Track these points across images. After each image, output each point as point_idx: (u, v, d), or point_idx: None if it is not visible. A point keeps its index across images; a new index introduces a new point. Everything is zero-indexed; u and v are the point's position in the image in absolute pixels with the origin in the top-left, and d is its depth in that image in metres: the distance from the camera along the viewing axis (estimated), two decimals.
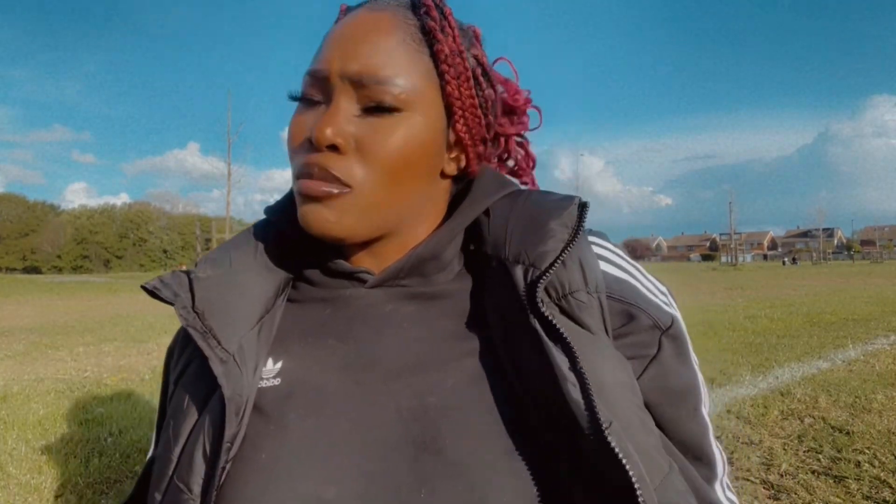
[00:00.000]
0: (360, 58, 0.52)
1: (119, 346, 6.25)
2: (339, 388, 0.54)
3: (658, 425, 0.54)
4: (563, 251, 0.52)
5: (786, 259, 69.63)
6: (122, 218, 71.41)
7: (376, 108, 0.53)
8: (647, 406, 0.54)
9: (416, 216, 0.59)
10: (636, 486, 0.43)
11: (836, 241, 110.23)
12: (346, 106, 0.53)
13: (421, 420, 0.51)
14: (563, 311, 0.51)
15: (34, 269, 62.37)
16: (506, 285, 0.53)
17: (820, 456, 2.59)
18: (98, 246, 67.85)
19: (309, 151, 0.53)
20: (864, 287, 13.68)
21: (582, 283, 0.52)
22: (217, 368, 0.51)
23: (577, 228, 0.54)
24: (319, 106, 0.54)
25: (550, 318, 0.49)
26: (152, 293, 0.55)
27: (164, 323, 8.19)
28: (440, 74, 0.55)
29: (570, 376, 0.47)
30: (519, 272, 0.52)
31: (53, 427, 3.25)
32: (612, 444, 0.44)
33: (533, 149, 0.69)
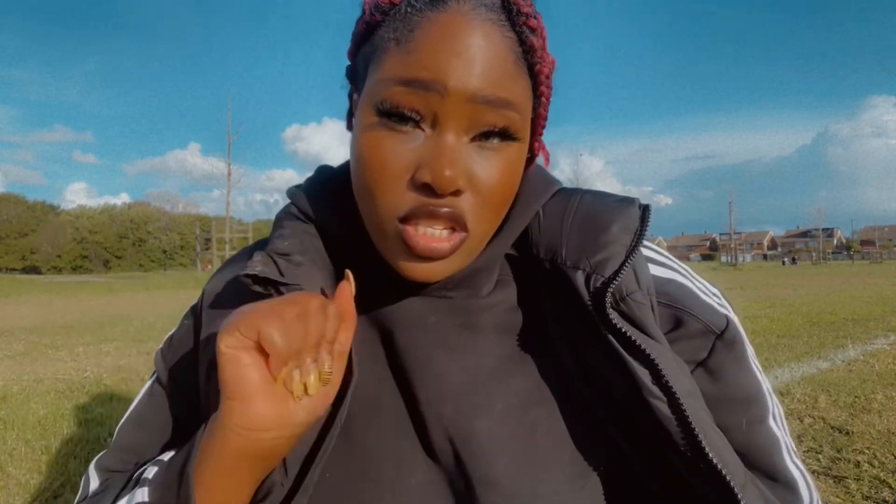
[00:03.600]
0: (483, 74, 0.45)
1: (119, 346, 6.24)
2: (392, 404, 0.52)
3: None
4: (627, 257, 0.49)
5: (785, 259, 69.62)
6: (121, 218, 71.36)
7: (490, 136, 0.47)
8: None
9: None
10: (739, 496, 0.43)
11: (835, 241, 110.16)
12: (458, 134, 0.46)
13: (471, 447, 0.49)
14: (624, 316, 0.48)
15: (34, 270, 62.33)
16: (565, 292, 0.50)
17: (820, 456, 2.59)
18: (98, 246, 67.81)
19: (420, 193, 0.46)
20: (863, 287, 13.67)
21: (636, 285, 0.50)
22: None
23: (641, 233, 0.51)
24: (415, 126, 0.46)
25: (621, 328, 0.46)
26: (274, 282, 0.49)
27: (164, 323, 8.18)
28: (537, 96, 0.50)
29: (656, 390, 0.45)
30: (580, 278, 0.49)
31: (53, 427, 3.25)
32: (714, 459, 0.43)
33: (544, 143, 0.67)
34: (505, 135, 0.47)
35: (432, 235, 0.47)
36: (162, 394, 0.61)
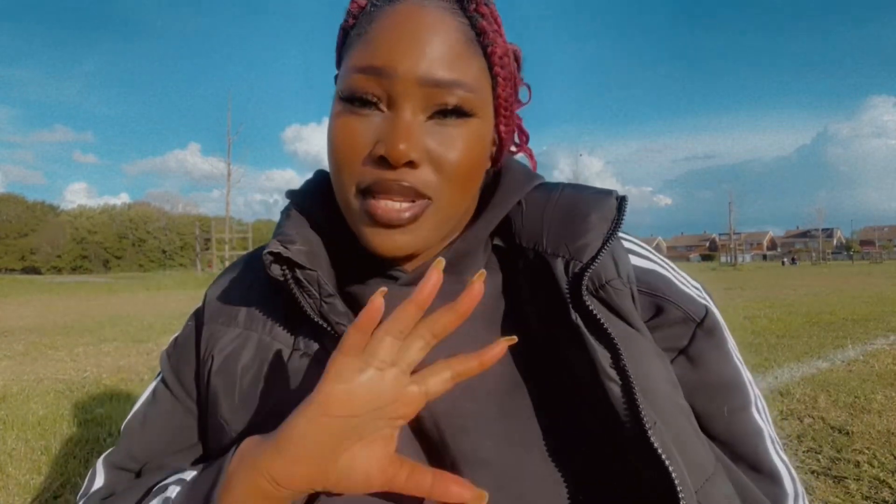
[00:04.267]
0: (432, 57, 0.48)
1: (118, 346, 6.24)
2: None
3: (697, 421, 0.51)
4: (604, 244, 0.51)
5: (785, 259, 69.67)
6: (121, 218, 71.34)
7: (445, 113, 0.50)
8: None
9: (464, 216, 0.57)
10: (678, 488, 0.42)
11: (835, 242, 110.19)
12: (414, 113, 0.49)
13: (459, 429, 0.50)
14: (603, 302, 0.50)
15: (33, 270, 62.29)
16: (544, 278, 0.52)
17: (819, 456, 2.59)
18: (97, 246, 67.80)
19: (378, 167, 0.49)
20: (863, 287, 13.68)
21: (615, 273, 0.51)
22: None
23: (618, 221, 0.53)
24: (374, 108, 0.50)
25: (594, 311, 0.48)
26: (292, 262, 0.51)
27: (164, 323, 8.18)
28: (493, 76, 0.53)
29: (612, 374, 0.46)
30: (559, 265, 0.51)
31: (53, 427, 3.25)
32: (656, 445, 0.43)
33: (531, 149, 0.69)
34: (460, 112, 0.50)
35: (392, 207, 0.50)
36: (166, 394, 0.62)
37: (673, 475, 0.43)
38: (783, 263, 59.48)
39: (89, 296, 16.30)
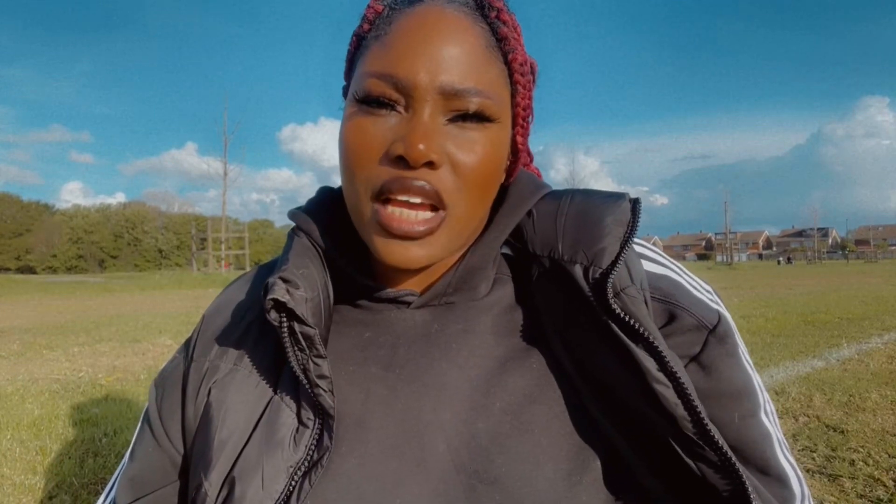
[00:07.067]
0: (452, 66, 0.47)
1: (114, 346, 6.22)
2: (382, 421, 0.52)
3: None
4: (622, 248, 0.50)
5: (781, 258, 69.93)
6: (117, 218, 71.13)
7: (465, 117, 0.49)
8: None
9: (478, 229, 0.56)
10: (747, 486, 0.44)
11: (830, 241, 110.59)
12: (434, 115, 0.48)
13: (470, 448, 0.49)
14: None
15: (28, 269, 62.08)
16: (563, 286, 0.51)
17: (814, 455, 2.60)
18: (93, 246, 67.59)
19: (394, 167, 0.48)
20: (858, 286, 13.73)
21: (629, 280, 0.50)
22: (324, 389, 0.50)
23: (633, 224, 0.52)
24: (391, 111, 0.49)
25: (627, 318, 0.47)
26: (289, 311, 0.49)
27: (160, 323, 8.16)
28: (512, 83, 0.52)
29: (661, 377, 0.46)
30: (578, 271, 0.50)
31: (48, 427, 3.24)
32: (719, 442, 0.45)
33: (538, 168, 0.68)
34: (481, 117, 0.49)
35: (408, 218, 0.48)
36: (148, 428, 0.60)
37: (738, 469, 0.44)
38: (779, 263, 59.69)
39: (85, 295, 16.25)
